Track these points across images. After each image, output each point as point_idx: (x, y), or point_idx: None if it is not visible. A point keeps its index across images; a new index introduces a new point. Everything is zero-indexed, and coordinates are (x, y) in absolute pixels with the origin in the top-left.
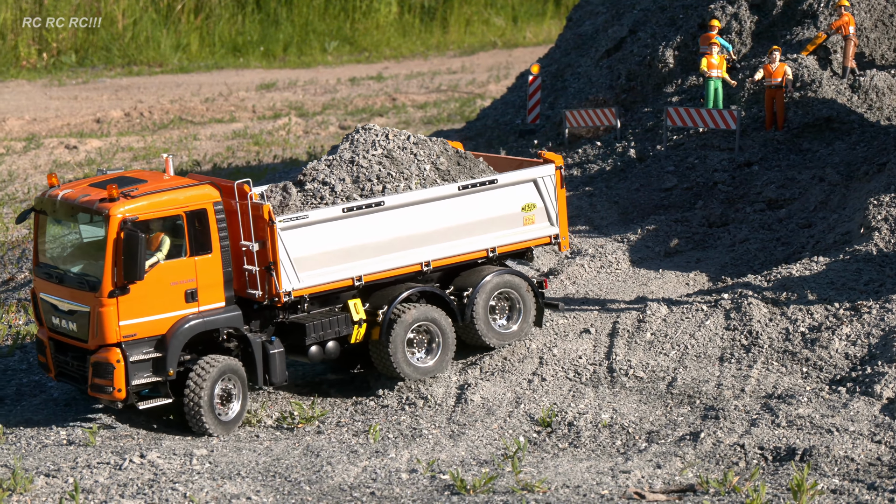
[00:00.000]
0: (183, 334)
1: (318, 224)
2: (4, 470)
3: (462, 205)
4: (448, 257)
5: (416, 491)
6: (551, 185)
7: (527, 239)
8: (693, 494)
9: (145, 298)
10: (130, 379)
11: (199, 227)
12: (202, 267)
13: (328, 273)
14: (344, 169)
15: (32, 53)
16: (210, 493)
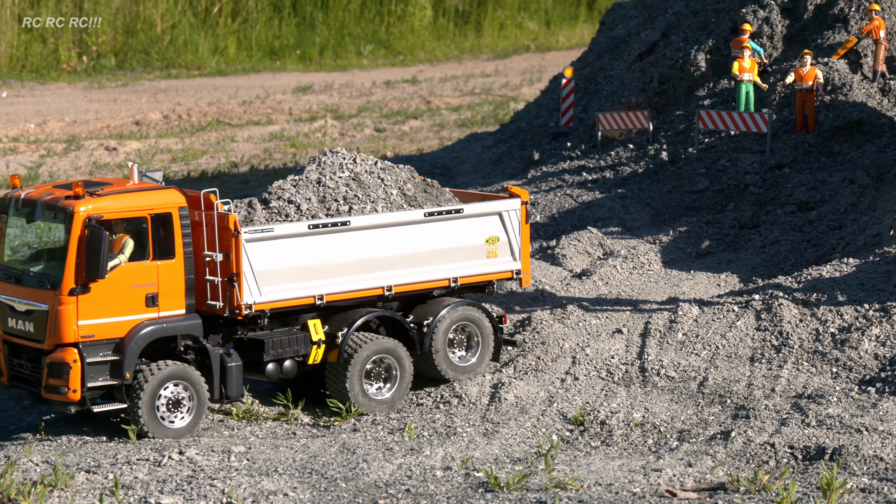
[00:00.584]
0: (141, 339)
1: (283, 239)
2: (46, 466)
3: (427, 232)
4: (410, 283)
5: (450, 488)
6: (516, 220)
7: (489, 272)
8: (724, 493)
9: (105, 300)
10: (86, 381)
11: (163, 231)
12: (164, 272)
13: (290, 289)
14: (310, 189)
15: (73, 57)
16: (248, 489)
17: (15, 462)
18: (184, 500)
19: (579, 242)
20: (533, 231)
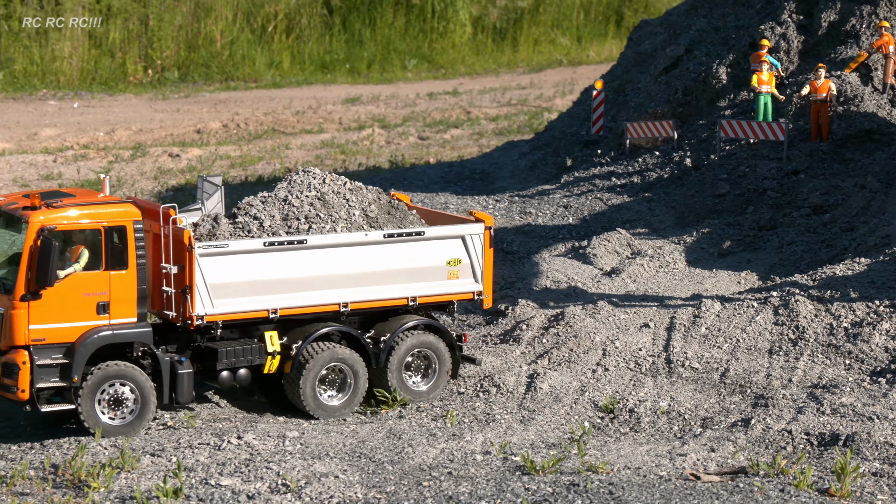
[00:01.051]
0: (91, 344)
1: (238, 254)
2: (114, 450)
3: (386, 252)
4: (367, 301)
5: (489, 471)
6: (479, 244)
7: (449, 292)
8: (744, 476)
9: (57, 306)
10: (35, 381)
11: (117, 243)
12: (116, 282)
13: (244, 303)
14: (276, 206)
15: (139, 70)
16: (301, 471)
17: (85, 446)
18: (241, 481)
19: (609, 243)
20: (565, 231)
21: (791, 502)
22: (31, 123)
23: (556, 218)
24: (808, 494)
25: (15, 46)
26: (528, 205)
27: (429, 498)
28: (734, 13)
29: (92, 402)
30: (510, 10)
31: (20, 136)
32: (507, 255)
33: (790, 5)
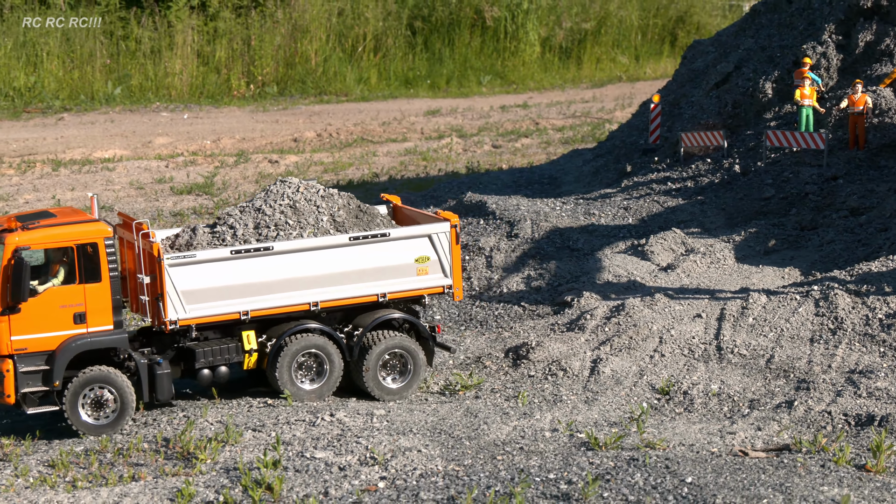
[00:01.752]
0: (69, 351)
1: (206, 263)
2: (219, 425)
3: (353, 254)
4: (337, 300)
5: (557, 447)
6: (446, 241)
7: (420, 287)
8: (788, 453)
9: (36, 318)
10: (20, 387)
11: (89, 258)
12: (91, 293)
13: (216, 307)
14: (250, 215)
15: (242, 85)
16: (387, 446)
17: (193, 422)
18: (334, 454)
19: (665, 241)
20: (625, 231)
21: (830, 477)
22: (146, 133)
23: (617, 218)
24: (847, 470)
25: (132, 64)
26: (592, 206)
27: (502, 470)
28: (779, 34)
29: (75, 406)
30: (575, 32)
31: (136, 144)
32: (572, 252)
33: (830, 27)
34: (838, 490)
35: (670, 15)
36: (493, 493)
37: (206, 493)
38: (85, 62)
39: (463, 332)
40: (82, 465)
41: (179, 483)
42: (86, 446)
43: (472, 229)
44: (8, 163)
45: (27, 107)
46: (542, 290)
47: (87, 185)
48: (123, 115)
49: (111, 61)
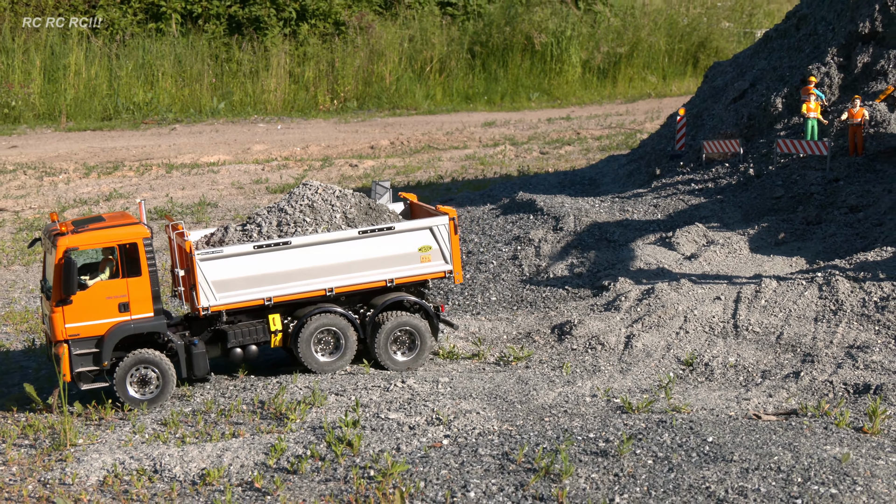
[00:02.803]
0: (115, 335)
1: (232, 257)
2: (307, 390)
3: (363, 245)
4: (350, 286)
5: (596, 410)
6: (445, 232)
7: (423, 273)
8: (796, 416)
9: (86, 308)
10: (74, 367)
11: (130, 255)
12: (133, 286)
13: (243, 294)
14: (275, 215)
15: (327, 100)
16: (451, 408)
17: (285, 387)
18: (405, 415)
19: (689, 234)
20: (654, 225)
21: (832, 438)
22: (245, 141)
23: (648, 214)
24: (846, 431)
25: (234, 83)
26: (626, 204)
27: (549, 430)
28: (788, 56)
29: (124, 383)
30: (611, 55)
31: (237, 151)
32: (609, 243)
33: (833, 50)
34: (839, 449)
35: (693, 40)
36: (541, 449)
37: (296, 447)
38: (194, 81)
39: (515, 311)
40: (190, 424)
41: (273, 439)
42: (193, 407)
43: (523, 223)
44: (129, 166)
45: (145, 119)
46: (583, 276)
47: (195, 185)
48: (226, 125)
49: (216, 80)
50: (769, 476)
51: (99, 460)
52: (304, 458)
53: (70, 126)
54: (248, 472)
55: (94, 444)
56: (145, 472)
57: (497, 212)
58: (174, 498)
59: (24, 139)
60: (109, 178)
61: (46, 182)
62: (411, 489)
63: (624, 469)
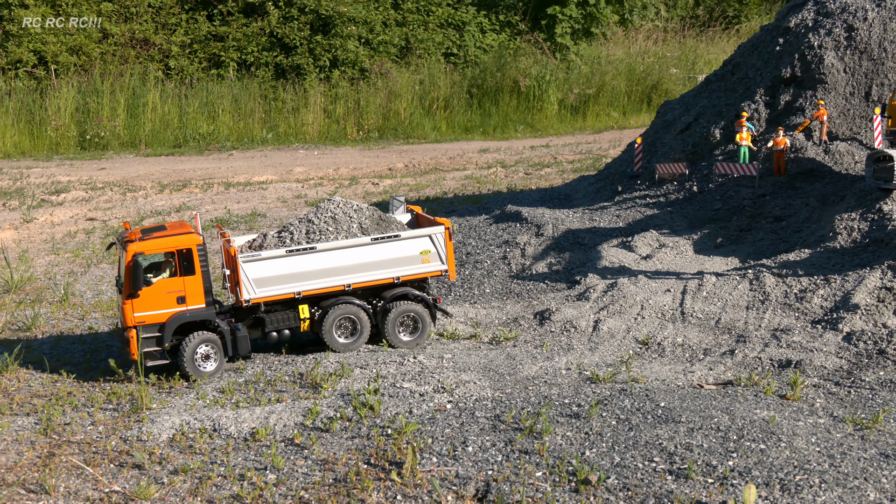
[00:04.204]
0: (174, 322)
1: (269, 259)
2: (337, 364)
3: (373, 250)
4: (364, 282)
5: (570, 381)
6: (442, 239)
7: (424, 272)
8: (731, 386)
9: (151, 300)
10: (141, 347)
11: (186, 258)
12: (188, 283)
13: (277, 289)
14: (304, 225)
15: (353, 131)
16: (453, 378)
17: (320, 362)
18: (416, 385)
19: (645, 239)
20: (617, 232)
21: (761, 403)
22: (288, 164)
23: (612, 223)
24: (772, 398)
25: (279, 117)
26: (594, 215)
27: (532, 396)
28: (725, 96)
29: (192, 359)
30: (581, 95)
31: (282, 172)
32: (581, 246)
33: (761, 91)
34: (767, 412)
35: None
36: (526, 412)
37: (328, 411)
38: (248, 116)
39: (505, 301)
40: (243, 392)
41: (310, 404)
42: (245, 378)
43: (511, 230)
44: (195, 184)
45: (208, 146)
46: (559, 272)
47: (248, 199)
48: (273, 152)
49: (265, 115)
50: (710, 434)
51: (169, 421)
52: (335, 419)
53: (148, 152)
54: (289, 430)
55: (165, 408)
56: (206, 431)
57: (490, 221)
58: (230, 451)
59: (110, 163)
60: (179, 194)
61: (129, 197)
62: (421, 444)
63: (593, 428)
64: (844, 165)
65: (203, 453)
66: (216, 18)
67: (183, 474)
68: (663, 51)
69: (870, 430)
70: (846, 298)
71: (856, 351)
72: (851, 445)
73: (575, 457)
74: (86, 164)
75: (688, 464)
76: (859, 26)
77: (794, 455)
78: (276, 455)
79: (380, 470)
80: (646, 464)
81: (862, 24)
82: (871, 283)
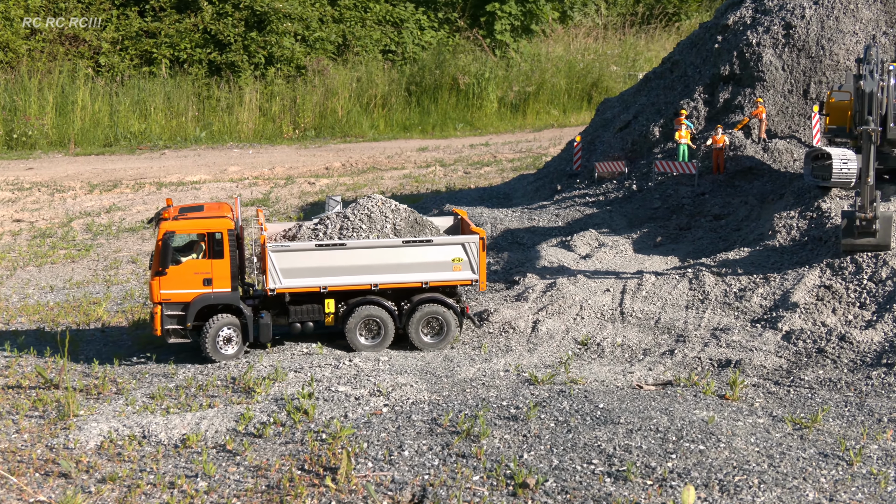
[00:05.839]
0: (198, 303)
1: (297, 251)
2: (271, 368)
3: (404, 252)
4: (391, 283)
5: (508, 382)
6: (475, 248)
7: (453, 279)
8: (671, 386)
9: (178, 279)
10: (164, 324)
11: (216, 241)
12: (216, 266)
13: (303, 281)
14: (340, 220)
15: (290, 130)
16: (389, 382)
17: (253, 366)
18: (352, 388)
19: (584, 238)
20: (556, 231)
21: (701, 403)
22: (222, 163)
23: (551, 222)
24: (712, 398)
25: (213, 116)
26: (533, 214)
27: (470, 399)
28: (664, 94)
29: (214, 340)
30: (521, 93)
31: (215, 171)
32: (519, 246)
33: (699, 88)
34: (706, 413)
35: (588, 81)
36: (463, 415)
37: (261, 416)
38: (181, 114)
39: None
40: (173, 397)
41: (242, 409)
42: (176, 383)
43: None
44: (126, 184)
45: (139, 145)
46: (498, 272)
47: (181, 199)
48: (207, 151)
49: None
50: (649, 435)
51: (97, 428)
52: (268, 424)
53: (77, 151)
54: (221, 436)
55: (93, 414)
56: (136, 438)
57: None
58: (160, 459)
59: (38, 162)
60: (110, 194)
61: (57, 198)
62: (356, 449)
63: (531, 431)
64: (783, 163)
65: (132, 461)
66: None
67: (111, 483)
68: (603, 48)
69: (809, 430)
70: (785, 297)
71: (795, 350)
72: (791, 445)
73: (513, 460)
74: (12, 163)
75: (627, 465)
76: (797, 24)
77: (733, 455)
78: (207, 462)
79: (314, 476)
80: (584, 466)
81: (800, 21)
82: (810, 281)
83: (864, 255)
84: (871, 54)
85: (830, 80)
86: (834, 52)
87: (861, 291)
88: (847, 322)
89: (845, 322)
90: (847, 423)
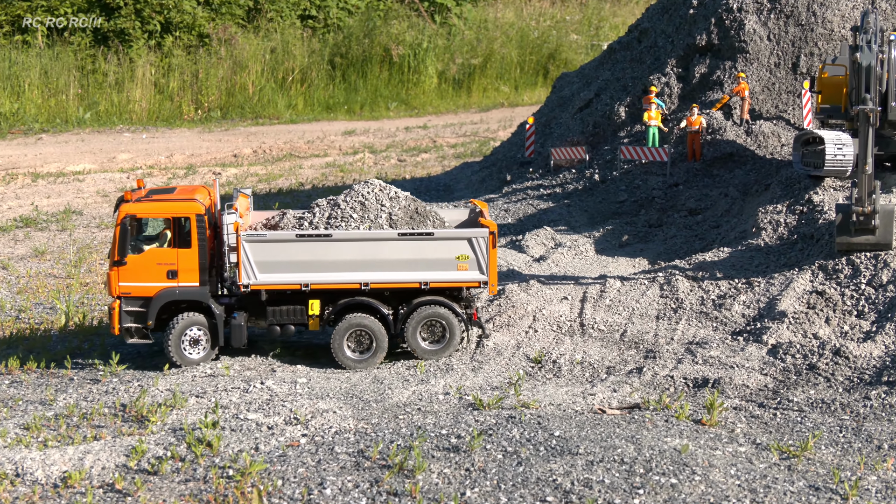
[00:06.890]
0: (161, 298)
1: (275, 242)
2: (168, 393)
3: (400, 247)
4: (385, 282)
5: (448, 407)
6: (484, 244)
7: (458, 280)
8: (638, 410)
9: (139, 270)
10: (122, 322)
11: (182, 228)
12: (182, 256)
13: (282, 277)
14: (329, 207)
15: (191, 110)
16: (308, 408)
17: (146, 390)
18: (263, 416)
19: (538, 237)
20: (505, 229)
21: (673, 430)
22: (111, 150)
23: (500, 218)
24: (686, 424)
25: (100, 93)
26: None
27: (403, 427)
28: (631, 68)
29: (179, 342)
30: (465, 66)
31: (102, 160)
32: None
33: (672, 61)
34: (679, 440)
35: (543, 52)
36: (396, 446)
37: (156, 449)
38: (60, 91)
39: None
40: (52, 428)
41: (134, 441)
42: (55, 411)
43: None
44: None
45: (11, 129)
46: None
47: (61, 194)
48: (92, 135)
49: (82, 91)
50: (613, 468)
51: None
52: (165, 459)
53: None
54: (109, 473)
55: None
56: (7, 476)
57: None
58: (36, 501)
59: None
60: None
61: None
62: (269, 487)
63: (475, 464)
64: (769, 149)
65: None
66: None
67: None
68: (562, 13)
69: (798, 459)
70: (771, 305)
71: (783, 366)
72: (776, 477)
73: (454, 498)
74: None
75: (586, 503)
76: None
77: (709, 490)
78: None
79: None
80: None
81: None
82: (800, 286)
83: (862, 256)
84: (868, 22)
85: (823, 52)
86: (827, 18)
87: (858, 298)
88: (842, 334)
89: (840, 334)
90: (842, 450)
